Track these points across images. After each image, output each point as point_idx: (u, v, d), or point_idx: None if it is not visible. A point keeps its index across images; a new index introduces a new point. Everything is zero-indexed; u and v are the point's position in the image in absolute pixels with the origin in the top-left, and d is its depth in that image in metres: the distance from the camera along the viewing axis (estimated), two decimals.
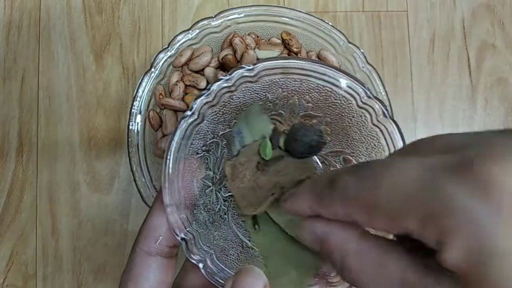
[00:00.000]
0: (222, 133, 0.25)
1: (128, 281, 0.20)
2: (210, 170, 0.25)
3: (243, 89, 0.23)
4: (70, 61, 0.46)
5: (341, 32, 0.39)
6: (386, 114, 0.22)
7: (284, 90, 0.24)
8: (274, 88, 0.24)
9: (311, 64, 0.22)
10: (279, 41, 0.40)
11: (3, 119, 0.45)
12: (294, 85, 0.24)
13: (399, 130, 0.22)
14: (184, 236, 0.21)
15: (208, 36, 0.39)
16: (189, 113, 0.22)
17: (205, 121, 0.23)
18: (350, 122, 0.24)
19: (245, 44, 0.38)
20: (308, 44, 0.40)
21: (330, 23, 0.39)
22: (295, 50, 0.38)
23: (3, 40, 0.46)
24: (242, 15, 0.39)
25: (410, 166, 0.13)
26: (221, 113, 0.24)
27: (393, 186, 0.13)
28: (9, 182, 0.44)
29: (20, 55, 0.46)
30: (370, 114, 0.23)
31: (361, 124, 0.23)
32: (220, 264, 0.22)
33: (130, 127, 0.38)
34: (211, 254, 0.22)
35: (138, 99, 0.38)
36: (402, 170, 0.13)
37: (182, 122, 0.22)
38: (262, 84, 0.23)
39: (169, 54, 0.38)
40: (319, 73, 0.23)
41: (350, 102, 0.23)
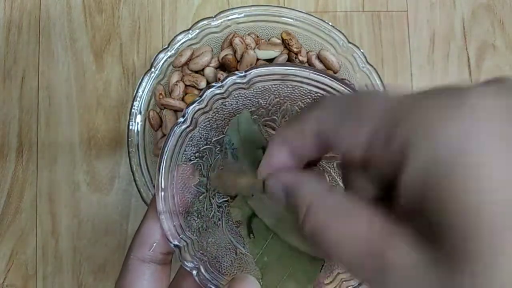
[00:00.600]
0: (215, 139, 0.25)
1: (122, 287, 0.20)
2: (204, 176, 0.25)
3: (236, 95, 0.23)
4: (70, 61, 0.46)
5: (341, 32, 0.39)
6: None
7: (276, 96, 0.24)
8: (267, 94, 0.24)
9: (303, 70, 0.23)
10: (279, 41, 0.40)
11: (3, 119, 0.45)
12: (286, 91, 0.24)
13: None
14: (177, 243, 0.21)
15: (208, 36, 0.39)
16: (181, 119, 0.22)
17: (198, 127, 0.23)
18: None
19: (245, 44, 0.38)
20: (308, 44, 0.40)
21: (330, 23, 0.39)
22: (295, 50, 0.38)
23: (3, 40, 0.46)
24: (242, 15, 0.39)
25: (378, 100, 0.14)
26: (213, 119, 0.24)
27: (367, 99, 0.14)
28: (9, 182, 0.44)
29: (20, 55, 0.46)
30: None
31: None
32: (213, 271, 0.22)
33: (130, 127, 0.38)
34: (205, 261, 0.22)
35: (138, 99, 0.38)
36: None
37: (175, 129, 0.22)
38: (255, 90, 0.24)
39: (169, 54, 0.38)
40: (311, 79, 0.23)
41: None
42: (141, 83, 0.38)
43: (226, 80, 0.22)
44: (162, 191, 0.21)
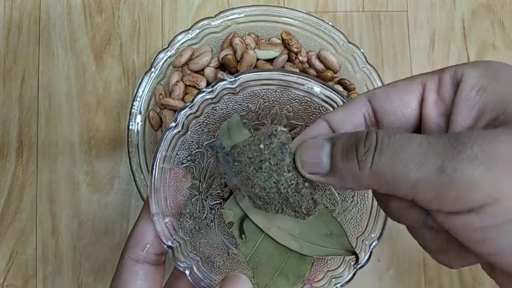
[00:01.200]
0: (207, 143, 0.25)
1: (116, 287, 0.21)
2: (196, 179, 0.25)
3: (226, 100, 0.24)
4: (70, 61, 0.46)
5: (341, 32, 0.39)
6: None
7: (265, 100, 0.25)
8: (256, 99, 0.25)
9: (290, 76, 0.23)
10: (279, 41, 0.40)
11: (3, 119, 0.45)
12: (275, 95, 0.24)
13: None
14: (170, 244, 0.22)
15: (208, 36, 0.39)
16: (173, 124, 0.23)
17: (189, 132, 0.24)
18: None
19: (245, 44, 0.38)
20: (308, 44, 0.40)
21: (330, 23, 0.39)
22: (295, 50, 0.38)
23: (3, 40, 0.46)
24: (242, 15, 0.39)
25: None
26: (205, 124, 0.24)
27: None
28: (9, 182, 0.44)
29: (20, 55, 0.46)
30: None
31: None
32: (206, 270, 0.22)
33: (130, 127, 0.38)
34: (197, 261, 0.22)
35: (138, 99, 0.38)
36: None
37: (167, 133, 0.23)
38: (244, 95, 0.24)
39: (169, 54, 0.38)
40: (298, 83, 0.23)
41: (328, 111, 0.24)
42: (141, 83, 0.38)
43: (217, 85, 0.23)
44: (155, 194, 0.22)
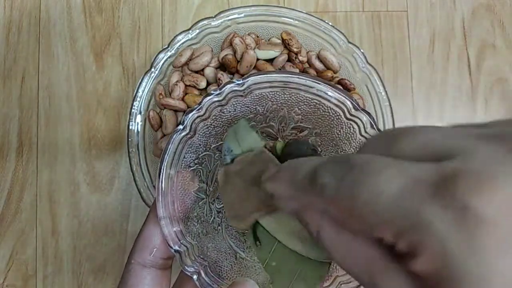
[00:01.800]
0: (214, 146, 0.25)
1: None
2: (204, 182, 0.25)
3: (234, 103, 0.24)
4: (70, 61, 0.46)
5: (341, 32, 0.39)
6: (373, 125, 0.23)
7: (273, 103, 0.24)
8: (264, 101, 0.24)
9: (299, 78, 0.23)
10: (279, 41, 0.40)
11: (3, 119, 0.45)
12: (283, 98, 0.24)
13: None
14: (178, 248, 0.21)
15: (208, 36, 0.39)
16: (180, 127, 0.22)
17: (197, 134, 0.23)
18: (339, 133, 0.24)
19: (245, 44, 0.38)
20: (308, 44, 0.40)
21: (330, 23, 0.39)
22: (295, 50, 0.38)
23: (3, 40, 0.46)
24: (242, 15, 0.39)
25: (392, 176, 0.13)
26: (212, 126, 0.24)
27: (372, 198, 0.13)
28: (9, 182, 0.44)
29: (20, 55, 0.46)
30: (358, 126, 0.23)
31: (350, 135, 0.24)
32: (214, 275, 0.22)
33: (130, 127, 0.38)
34: (205, 266, 0.22)
35: (138, 99, 0.38)
36: (383, 181, 0.13)
37: (174, 136, 0.22)
38: (252, 97, 0.24)
39: (169, 54, 0.38)
40: (307, 86, 0.23)
41: (338, 114, 0.24)
42: (141, 83, 0.38)
43: (224, 88, 0.23)
44: (163, 197, 0.22)
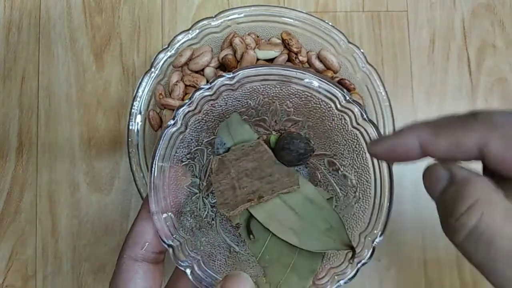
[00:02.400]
0: (206, 140, 0.25)
1: (116, 287, 0.21)
2: (197, 177, 0.25)
3: (225, 97, 0.24)
4: (70, 61, 0.46)
5: (341, 32, 0.39)
6: (365, 116, 0.23)
7: (265, 96, 0.24)
8: (255, 95, 0.24)
9: (289, 70, 0.23)
10: (279, 41, 0.40)
11: (3, 119, 0.45)
12: (274, 91, 0.24)
13: (378, 131, 0.23)
14: (171, 242, 0.21)
15: (208, 36, 0.39)
16: (172, 122, 0.22)
17: (188, 129, 0.23)
18: (331, 125, 0.24)
19: (245, 44, 0.38)
20: (308, 44, 0.40)
21: (330, 23, 0.39)
22: (295, 50, 0.38)
23: (3, 40, 0.46)
24: (242, 15, 0.39)
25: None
26: (204, 121, 0.24)
27: None
28: (9, 182, 0.44)
29: (20, 55, 0.46)
30: (350, 117, 0.23)
31: (341, 127, 0.24)
32: (207, 269, 0.22)
33: (130, 127, 0.38)
34: (198, 260, 0.22)
35: (138, 99, 0.38)
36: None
37: (166, 131, 0.22)
38: (243, 91, 0.24)
39: (169, 54, 0.38)
40: (298, 78, 0.23)
41: (329, 106, 0.24)
42: (141, 83, 0.38)
43: (215, 81, 0.22)
44: (155, 192, 0.22)
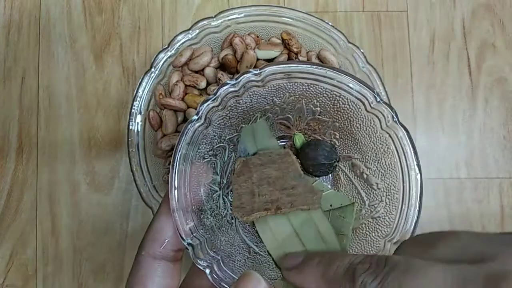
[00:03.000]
0: (229, 137, 0.24)
1: (134, 284, 0.20)
2: (217, 174, 0.24)
3: (250, 93, 0.23)
4: (70, 61, 0.46)
5: (341, 32, 0.39)
6: (395, 119, 0.22)
7: (291, 94, 0.24)
8: (281, 92, 0.23)
9: (319, 68, 0.22)
10: (279, 41, 0.40)
11: (3, 119, 0.45)
12: (301, 89, 0.23)
13: (409, 135, 0.22)
14: (190, 241, 0.21)
15: (208, 36, 0.39)
16: (195, 117, 0.21)
17: (211, 125, 0.22)
18: (359, 127, 0.24)
19: (245, 44, 0.38)
20: (308, 44, 0.40)
21: (330, 23, 0.39)
22: (295, 50, 0.38)
23: (3, 40, 0.46)
24: (242, 15, 0.39)
25: (438, 276, 0.13)
26: (227, 117, 0.23)
27: None
28: (9, 182, 0.44)
29: (20, 55, 0.46)
30: (379, 119, 0.22)
31: (370, 129, 0.23)
32: (227, 270, 0.21)
33: (130, 127, 0.38)
34: (218, 260, 0.21)
35: (138, 99, 0.38)
36: (430, 279, 0.13)
37: (189, 126, 0.21)
38: (269, 88, 0.23)
39: (169, 54, 0.38)
40: (327, 77, 0.22)
41: (358, 107, 0.23)
42: (141, 83, 0.38)
43: (241, 77, 0.22)
44: (176, 189, 0.21)
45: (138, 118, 0.38)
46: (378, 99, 0.22)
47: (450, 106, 0.46)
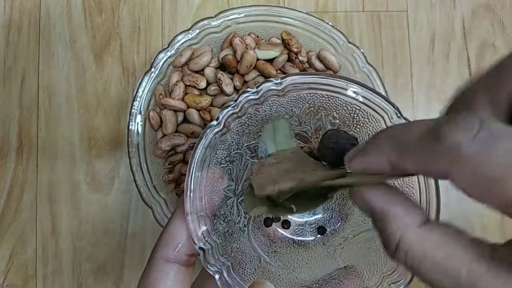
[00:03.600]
0: (246, 144, 0.25)
1: (146, 287, 0.20)
2: (233, 181, 0.25)
3: (270, 102, 0.23)
4: (70, 61, 0.46)
5: (341, 32, 0.39)
6: None
7: (311, 105, 0.24)
8: (301, 103, 0.24)
9: (340, 81, 0.22)
10: (279, 41, 0.40)
11: (3, 119, 0.45)
12: (321, 100, 0.23)
13: None
14: (202, 245, 0.21)
15: (208, 36, 0.39)
16: (214, 122, 0.22)
17: (230, 131, 0.23)
18: None
19: (245, 44, 0.38)
20: (308, 44, 0.40)
21: (330, 23, 0.39)
22: (295, 50, 0.38)
23: (3, 40, 0.46)
24: (242, 15, 0.39)
25: None
26: (246, 124, 0.24)
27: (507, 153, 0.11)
28: (9, 182, 0.44)
29: (20, 55, 0.46)
30: None
31: None
32: (236, 277, 0.22)
33: (130, 127, 0.38)
34: (228, 266, 0.22)
35: (138, 99, 0.38)
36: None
37: (208, 131, 0.22)
38: (289, 98, 0.23)
39: (169, 54, 0.38)
40: (347, 89, 0.22)
41: (378, 121, 0.23)
42: (141, 83, 0.38)
43: (262, 86, 0.22)
44: (191, 192, 0.21)
45: (138, 118, 0.38)
46: (399, 115, 0.22)
47: None
